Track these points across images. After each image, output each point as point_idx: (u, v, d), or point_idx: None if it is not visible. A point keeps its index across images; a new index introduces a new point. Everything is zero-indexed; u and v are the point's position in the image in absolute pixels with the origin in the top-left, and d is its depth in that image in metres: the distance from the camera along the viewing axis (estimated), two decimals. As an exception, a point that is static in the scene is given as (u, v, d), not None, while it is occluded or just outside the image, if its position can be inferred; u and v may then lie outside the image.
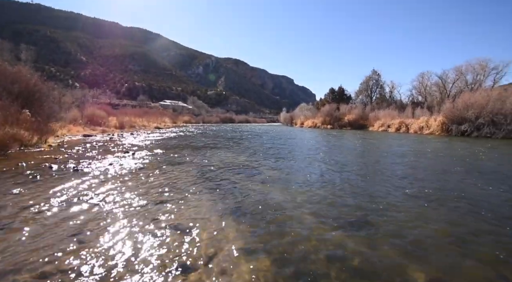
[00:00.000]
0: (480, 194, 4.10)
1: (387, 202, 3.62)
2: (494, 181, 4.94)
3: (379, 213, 3.22)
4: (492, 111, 17.20)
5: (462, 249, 2.35)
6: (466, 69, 29.25)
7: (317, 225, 2.84)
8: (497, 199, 3.84)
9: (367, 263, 2.09)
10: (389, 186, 4.55)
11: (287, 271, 1.97)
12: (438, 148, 11.29)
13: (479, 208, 3.41)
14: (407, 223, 2.90)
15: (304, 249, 2.30)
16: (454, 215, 3.18)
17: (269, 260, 2.12)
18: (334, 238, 2.53)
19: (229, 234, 2.58)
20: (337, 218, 3.02)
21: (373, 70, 41.69)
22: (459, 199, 3.81)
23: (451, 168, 6.31)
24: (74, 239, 2.39)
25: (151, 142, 12.11)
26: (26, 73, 11.32)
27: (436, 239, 2.53)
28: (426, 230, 2.73)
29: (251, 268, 2.01)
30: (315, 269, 2.00)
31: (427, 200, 3.73)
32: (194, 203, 3.46)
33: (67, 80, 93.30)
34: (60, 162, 6.13)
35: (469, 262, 2.13)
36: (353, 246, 2.37)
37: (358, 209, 3.36)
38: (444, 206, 3.50)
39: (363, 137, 18.32)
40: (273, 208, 3.35)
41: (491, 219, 3.04)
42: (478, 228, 2.80)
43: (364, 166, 6.62)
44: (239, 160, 7.25)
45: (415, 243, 2.43)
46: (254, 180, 4.85)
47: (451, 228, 2.79)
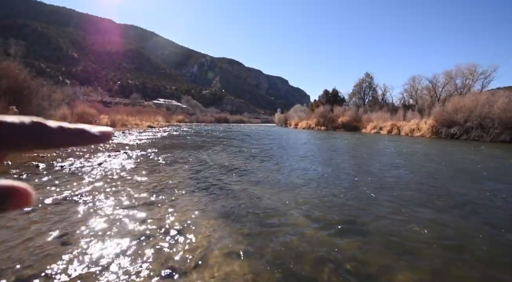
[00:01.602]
0: (469, 196, 4.19)
1: (377, 204, 3.67)
2: (482, 183, 5.06)
3: (370, 214, 3.25)
4: (480, 115, 17.65)
5: (452, 251, 2.38)
6: (455, 73, 30.03)
7: (309, 226, 2.85)
8: (487, 201, 3.93)
9: (358, 265, 2.10)
10: (380, 187, 4.61)
11: (278, 272, 1.97)
12: (428, 151, 11.51)
13: (468, 210, 3.49)
14: (397, 225, 2.93)
15: (295, 251, 2.30)
16: (443, 216, 3.24)
17: (260, 262, 2.11)
18: (325, 239, 2.54)
19: (220, 236, 2.56)
20: (328, 220, 3.03)
21: (366, 73, 42.34)
22: (449, 201, 3.89)
23: (440, 171, 6.43)
24: (59, 241, 2.34)
25: (143, 141, 11.96)
26: (15, 68, 11.05)
27: (426, 241, 2.56)
28: (416, 232, 2.76)
29: (243, 270, 1.99)
30: (307, 271, 2.00)
31: (417, 202, 3.79)
32: (184, 204, 3.43)
33: (58, 77, 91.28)
34: (48, 160, 5.99)
35: (458, 264, 2.16)
36: (344, 247, 2.38)
37: (349, 211, 3.38)
38: (434, 207, 3.57)
39: (355, 139, 18.53)
40: (264, 209, 3.35)
41: (480, 221, 3.12)
42: (468, 230, 2.85)
43: (355, 168, 6.69)
44: (231, 161, 7.23)
45: (405, 245, 2.46)
46: (246, 181, 4.85)
47: (441, 230, 2.83)
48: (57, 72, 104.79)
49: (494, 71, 28.22)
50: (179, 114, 66.25)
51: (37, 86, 12.39)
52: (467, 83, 29.09)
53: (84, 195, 3.62)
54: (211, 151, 9.10)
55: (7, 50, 45.06)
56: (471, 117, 18.03)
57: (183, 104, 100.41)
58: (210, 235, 2.57)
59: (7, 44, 51.87)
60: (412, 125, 23.31)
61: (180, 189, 4.13)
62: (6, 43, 52.73)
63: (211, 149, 9.73)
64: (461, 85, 29.59)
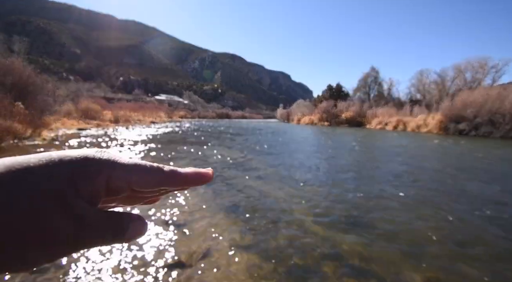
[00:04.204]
0: (477, 195, 4.02)
1: (383, 201, 3.54)
2: (491, 182, 4.88)
3: (375, 211, 3.15)
4: (491, 110, 17.24)
5: (459, 249, 2.29)
6: (465, 67, 29.29)
7: (313, 222, 2.76)
8: (494, 200, 3.76)
9: (363, 261, 2.04)
10: (386, 185, 4.45)
11: (282, 268, 1.93)
12: (435, 148, 11.29)
13: (476, 208, 3.33)
14: (404, 222, 2.82)
15: (299, 246, 2.25)
16: (451, 215, 3.09)
17: (264, 256, 2.07)
18: (330, 235, 2.48)
19: (225, 230, 2.52)
20: (333, 216, 2.94)
21: (371, 67, 41.70)
22: (456, 199, 3.74)
23: (448, 168, 6.25)
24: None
25: (147, 136, 11.88)
26: (19, 65, 10.95)
27: (433, 239, 2.45)
28: (423, 230, 2.65)
29: (247, 264, 1.97)
30: (311, 267, 1.96)
31: (424, 200, 3.64)
32: (189, 199, 3.36)
33: (61, 73, 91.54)
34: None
35: (466, 262, 2.08)
36: (349, 244, 2.31)
37: (355, 207, 3.27)
38: (441, 206, 3.42)
39: (360, 135, 18.31)
40: (268, 204, 3.28)
41: (489, 219, 2.96)
42: (475, 228, 2.72)
43: (361, 165, 6.53)
44: (234, 156, 7.09)
45: (411, 243, 2.38)
46: (249, 176, 4.74)
47: (447, 228, 2.71)
48: (60, 69, 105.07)
49: (506, 65, 27.41)
50: (181, 110, 66.27)
51: (42, 83, 12.30)
52: (477, 77, 28.42)
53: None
54: (213, 146, 8.97)
55: (11, 47, 45.07)
56: (480, 113, 17.64)
57: (184, 100, 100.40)
58: (215, 228, 2.54)
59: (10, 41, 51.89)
60: (419, 121, 22.92)
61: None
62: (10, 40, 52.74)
63: (213, 144, 9.61)
64: (471, 79, 28.92)
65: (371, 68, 41.44)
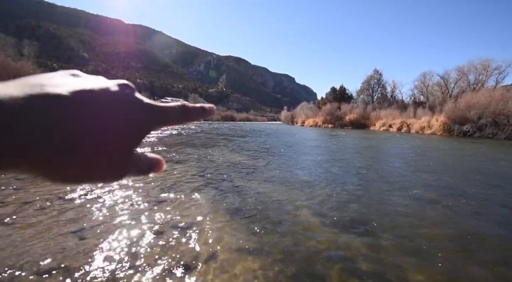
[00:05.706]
0: (484, 197, 4.08)
1: (389, 204, 3.60)
2: (497, 184, 4.92)
3: (382, 214, 3.20)
4: (495, 111, 17.08)
5: (466, 252, 2.31)
6: (468, 69, 29.04)
7: (318, 225, 2.82)
8: (501, 202, 3.83)
9: (369, 264, 2.06)
10: (392, 187, 4.54)
11: (287, 271, 1.96)
12: (440, 149, 11.25)
13: (482, 211, 3.41)
14: (410, 225, 2.88)
15: (305, 249, 2.27)
16: (457, 217, 3.16)
17: (270, 259, 2.10)
18: (336, 238, 2.51)
19: (230, 233, 2.56)
20: (339, 218, 3.00)
21: (374, 69, 41.57)
22: (463, 201, 3.80)
23: (454, 170, 6.29)
24: (74, 236, 2.41)
25: (153, 139, 12.13)
26: (29, 68, 11.35)
27: (439, 241, 2.50)
28: (429, 232, 2.70)
29: (252, 267, 1.99)
30: (316, 270, 1.98)
31: (430, 202, 3.70)
32: (194, 201, 3.45)
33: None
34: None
35: (473, 265, 2.10)
36: (354, 247, 2.34)
37: (360, 209, 3.32)
38: (448, 208, 3.48)
39: (364, 137, 18.27)
40: (273, 207, 3.34)
41: (495, 222, 3.03)
42: (482, 231, 2.78)
43: (366, 166, 6.61)
44: (239, 158, 7.25)
45: (418, 245, 2.41)
46: (255, 178, 4.85)
47: (454, 230, 2.76)
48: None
49: (509, 66, 27.18)
50: (187, 112, 66.46)
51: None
52: (481, 79, 28.15)
53: (94, 192, 3.71)
54: (219, 148, 9.15)
55: (21, 51, 46.28)
56: (484, 114, 17.47)
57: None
58: (220, 231, 2.58)
59: (20, 45, 53.25)
60: (423, 123, 22.76)
61: (190, 185, 4.18)
62: (20, 44, 54.13)
63: (218, 146, 9.78)
64: (474, 81, 28.65)
65: (374, 71, 41.33)
